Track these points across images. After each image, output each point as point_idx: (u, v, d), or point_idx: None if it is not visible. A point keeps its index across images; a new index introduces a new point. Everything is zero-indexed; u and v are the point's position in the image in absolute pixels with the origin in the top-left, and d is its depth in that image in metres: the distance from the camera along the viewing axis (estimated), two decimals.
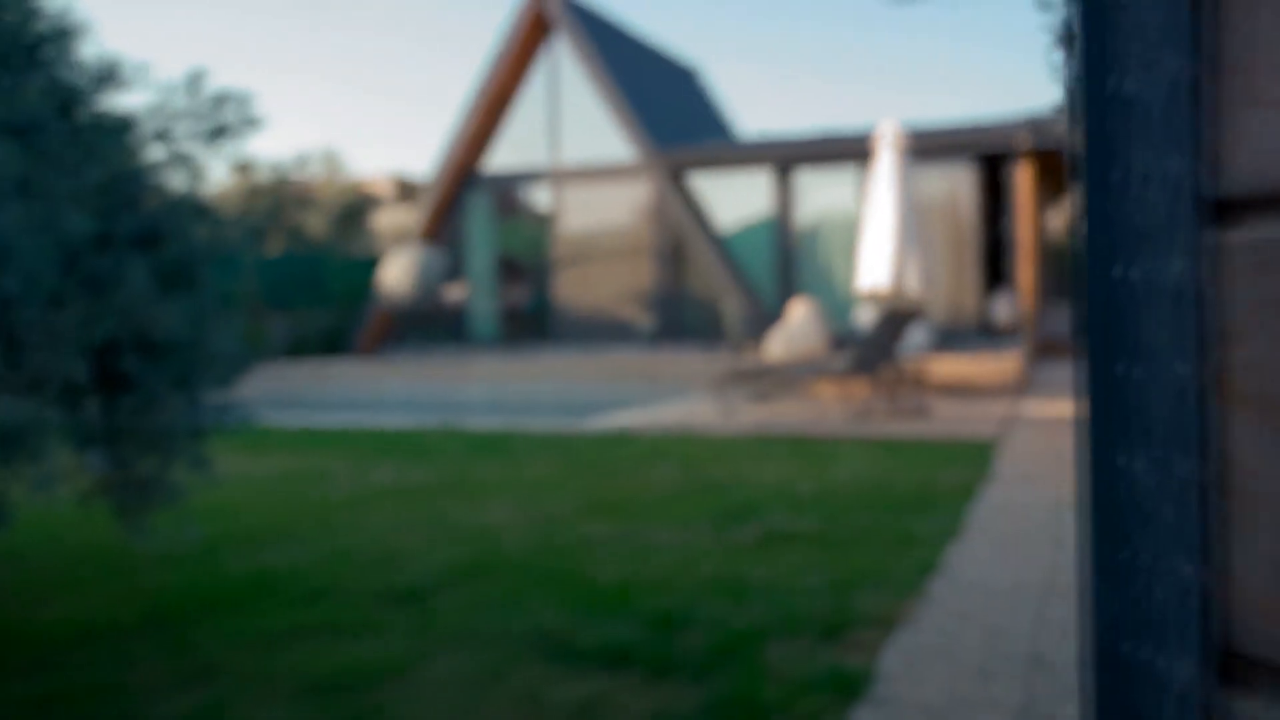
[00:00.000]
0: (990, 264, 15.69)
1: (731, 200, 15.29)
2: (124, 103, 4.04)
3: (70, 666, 3.36)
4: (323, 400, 13.84)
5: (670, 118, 17.10)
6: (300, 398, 14.15)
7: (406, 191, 31.07)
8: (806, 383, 11.55)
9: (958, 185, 14.00)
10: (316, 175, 27.98)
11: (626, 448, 7.83)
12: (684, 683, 3.04)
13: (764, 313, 14.55)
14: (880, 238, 10.65)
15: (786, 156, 14.59)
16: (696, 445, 7.87)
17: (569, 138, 16.01)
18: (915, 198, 11.06)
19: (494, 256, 16.82)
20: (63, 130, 3.23)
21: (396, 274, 14.70)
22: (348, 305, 18.21)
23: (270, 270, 18.10)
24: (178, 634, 3.68)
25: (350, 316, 17.85)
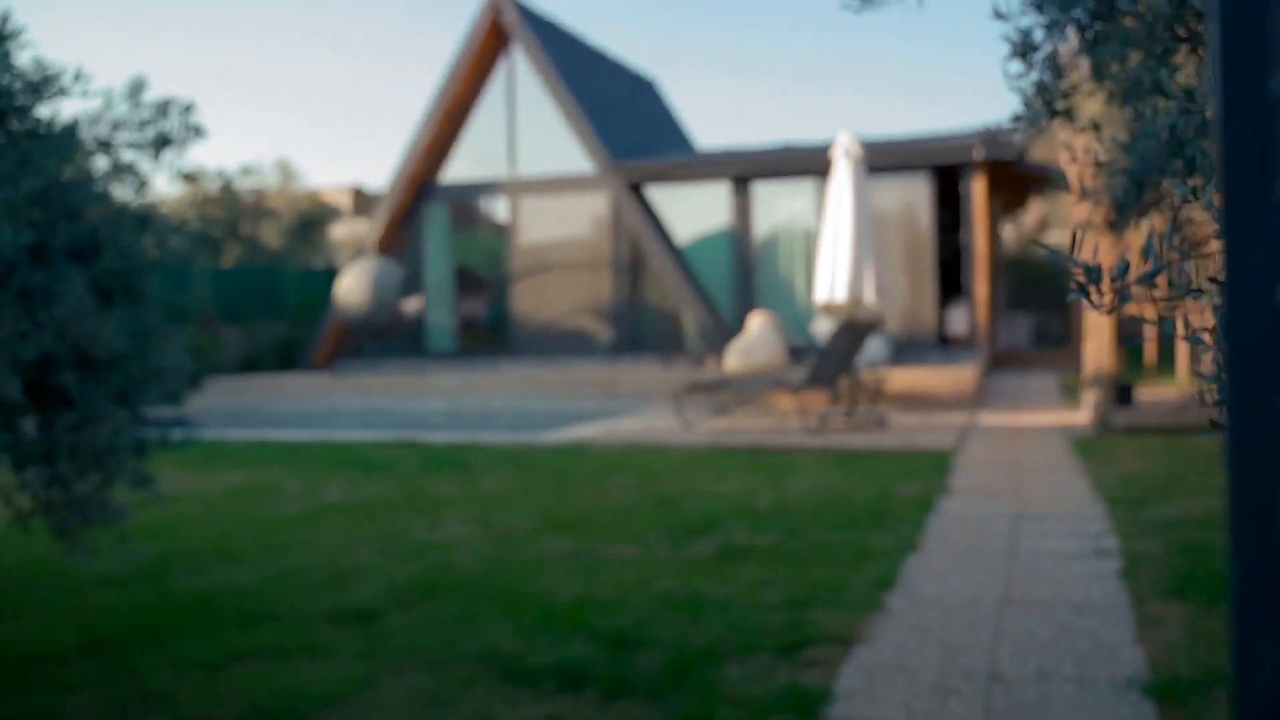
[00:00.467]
0: (946, 276, 15.81)
1: (690, 212, 15.29)
2: (63, 111, 3.93)
3: (3, 695, 3.24)
4: (277, 414, 13.64)
5: (628, 129, 17.09)
6: (254, 412, 13.94)
7: (365, 203, 30.83)
8: (765, 395, 11.55)
9: (915, 197, 14.10)
10: (270, 185, 27.66)
11: (584, 461, 7.77)
12: (640, 704, 2.99)
13: (722, 325, 14.55)
14: (838, 250, 10.68)
15: (744, 169, 14.62)
16: (655, 458, 7.82)
17: (527, 149, 15.94)
18: (873, 210, 11.11)
19: (451, 268, 16.69)
20: None
21: (352, 286, 14.53)
22: (304, 318, 17.98)
23: (224, 281, 17.85)
24: (119, 659, 3.57)
25: (306, 329, 17.63)
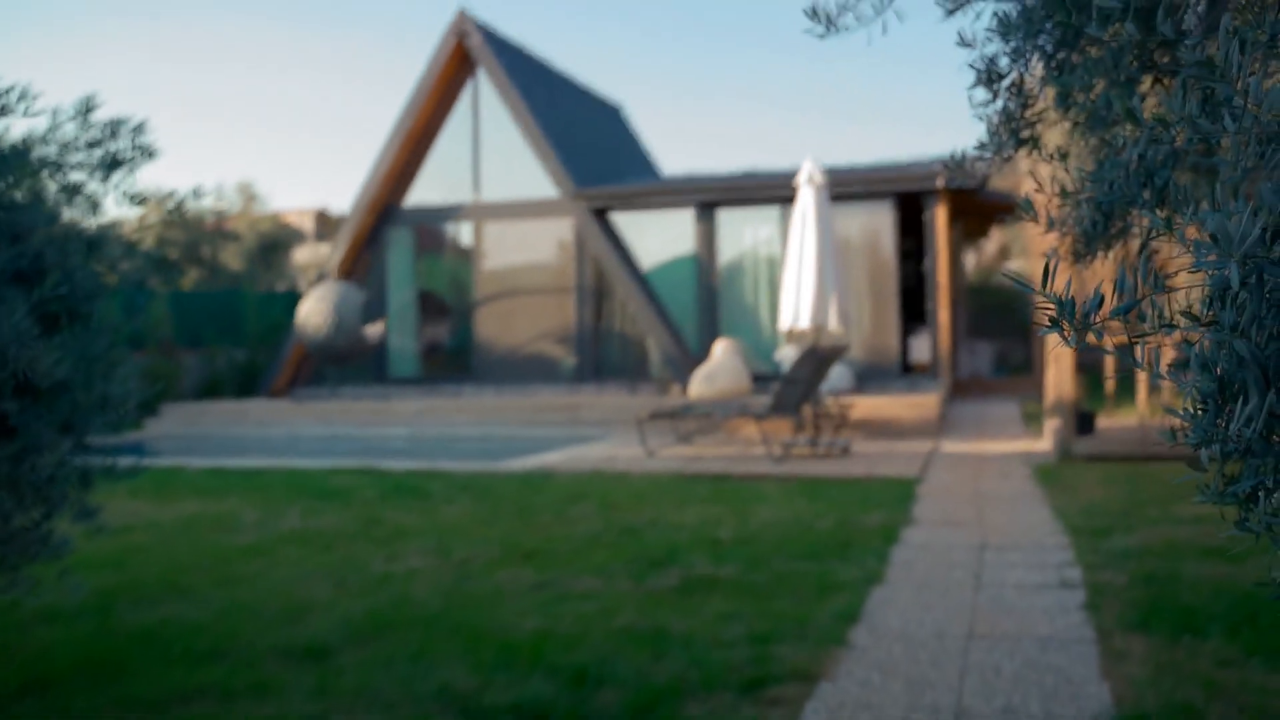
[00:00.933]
0: (908, 303, 15.89)
1: (654, 239, 15.27)
2: (11, 130, 3.81)
3: None
4: (235, 441, 13.41)
5: (593, 155, 17.08)
6: (212, 439, 13.70)
7: (330, 226, 30.62)
8: (729, 422, 11.51)
9: (878, 225, 14.16)
10: (232, 207, 27.39)
11: (547, 490, 7.67)
12: None
13: (687, 351, 14.51)
14: (802, 277, 10.70)
15: (709, 196, 14.64)
16: (618, 487, 7.74)
17: (491, 173, 15.88)
18: (836, 237, 11.14)
19: (414, 293, 16.56)
20: None
21: (314, 310, 14.36)
22: (265, 342, 17.73)
23: (183, 305, 17.58)
24: (59, 699, 3.43)
25: (267, 354, 17.39)
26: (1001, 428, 11.72)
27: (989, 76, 2.32)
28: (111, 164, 3.52)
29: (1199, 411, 1.22)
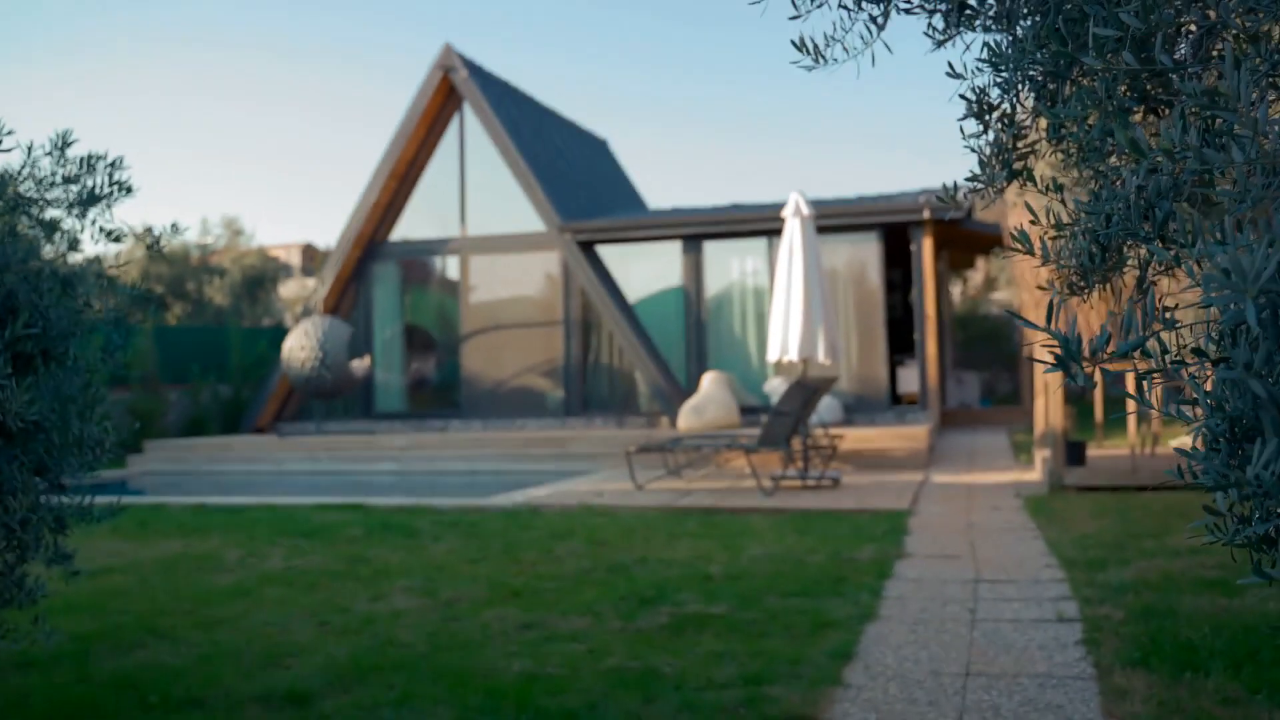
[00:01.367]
0: (895, 334, 15.88)
1: (642, 272, 15.25)
2: None
3: None
4: (220, 478, 13.28)
5: (580, 188, 17.09)
6: (196, 475, 13.56)
7: (316, 260, 30.56)
8: (718, 455, 11.44)
9: (864, 257, 14.17)
10: (218, 241, 27.31)
11: (534, 526, 7.57)
12: None
13: (675, 384, 14.46)
14: (790, 309, 10.67)
15: (695, 229, 14.64)
16: (606, 522, 7.65)
17: (477, 207, 15.86)
18: (823, 269, 11.13)
19: (400, 327, 16.49)
20: None
21: (299, 345, 14.26)
22: (250, 378, 17.60)
23: (167, 341, 17.44)
24: None
25: (253, 389, 17.27)
26: (991, 458, 11.68)
27: (980, 108, 2.28)
28: (89, 200, 3.46)
29: (1211, 452, 1.17)
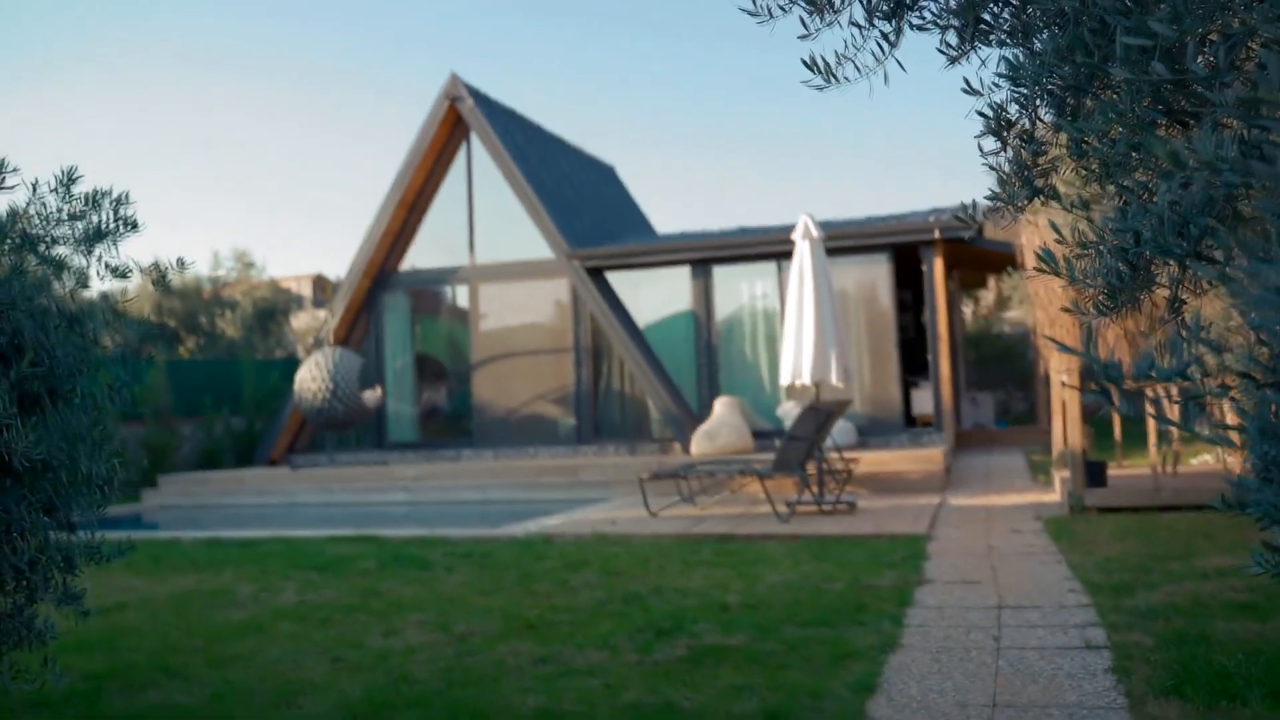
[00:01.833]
0: (908, 355, 15.79)
1: (651, 298, 15.21)
2: None
3: None
4: (233, 512, 13.23)
5: (588, 215, 17.09)
6: (210, 509, 13.52)
7: (328, 291, 30.63)
8: (732, 481, 11.35)
9: (875, 278, 14.11)
10: (230, 274, 27.40)
11: (548, 556, 7.50)
12: None
13: (687, 409, 14.38)
14: (802, 332, 10.61)
15: (704, 253, 14.60)
16: (621, 551, 7.57)
17: (486, 236, 15.86)
18: (835, 291, 11.08)
19: (411, 357, 16.47)
20: None
21: (312, 377, 14.25)
22: (263, 410, 17.59)
23: (180, 374, 17.46)
24: None
25: (265, 421, 17.26)
26: (1008, 480, 11.56)
27: (998, 124, 2.23)
28: (94, 236, 3.43)
29: (1264, 483, 1.10)
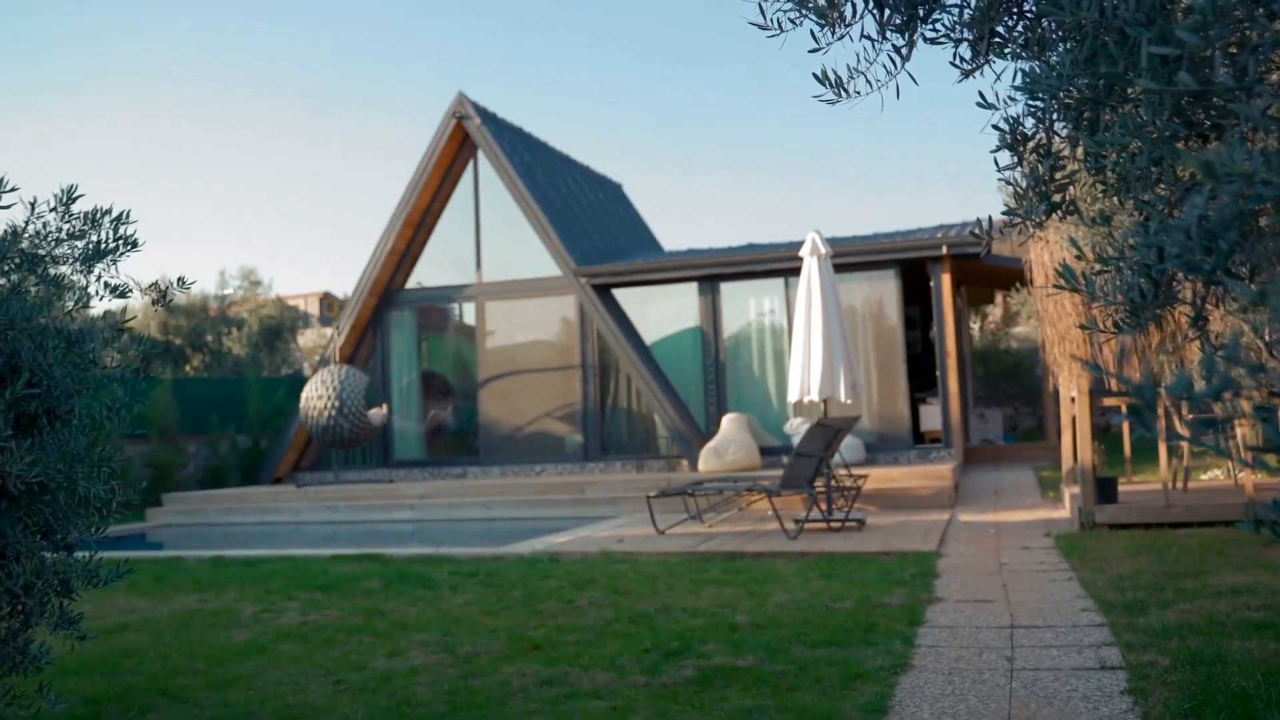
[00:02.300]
0: (915, 371, 15.72)
1: (658, 315, 15.17)
2: None
3: None
4: (237, 531, 13.18)
5: (595, 232, 17.07)
6: (215, 528, 13.47)
7: (335, 308, 30.63)
8: (740, 498, 11.27)
9: (883, 294, 14.05)
10: (236, 292, 27.43)
11: (554, 575, 7.42)
12: None
13: (695, 426, 14.32)
14: (810, 349, 10.55)
15: (711, 270, 14.55)
16: (628, 570, 7.49)
17: (493, 253, 15.85)
18: (843, 308, 11.02)
19: (418, 374, 16.43)
20: None
21: (317, 395, 14.21)
22: (269, 428, 17.56)
23: (186, 392, 17.44)
24: None
25: (272, 439, 17.23)
26: (1018, 496, 11.47)
27: (1014, 138, 2.17)
28: (94, 255, 3.39)
29: None
